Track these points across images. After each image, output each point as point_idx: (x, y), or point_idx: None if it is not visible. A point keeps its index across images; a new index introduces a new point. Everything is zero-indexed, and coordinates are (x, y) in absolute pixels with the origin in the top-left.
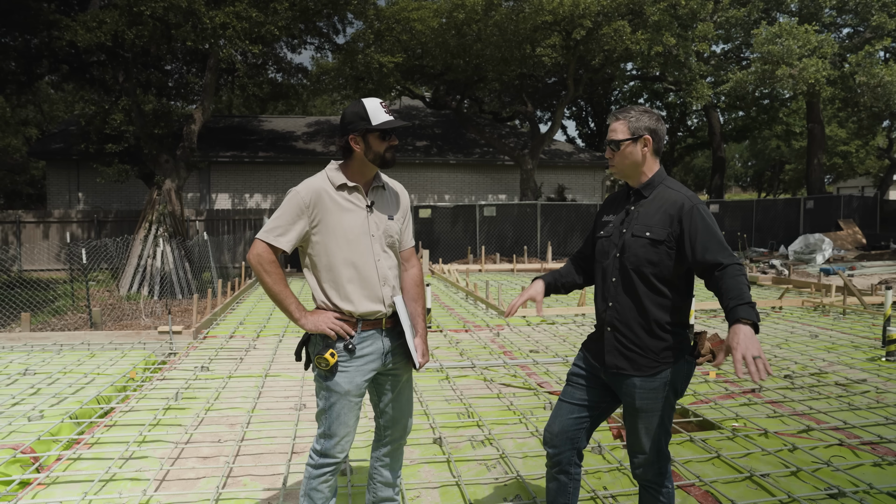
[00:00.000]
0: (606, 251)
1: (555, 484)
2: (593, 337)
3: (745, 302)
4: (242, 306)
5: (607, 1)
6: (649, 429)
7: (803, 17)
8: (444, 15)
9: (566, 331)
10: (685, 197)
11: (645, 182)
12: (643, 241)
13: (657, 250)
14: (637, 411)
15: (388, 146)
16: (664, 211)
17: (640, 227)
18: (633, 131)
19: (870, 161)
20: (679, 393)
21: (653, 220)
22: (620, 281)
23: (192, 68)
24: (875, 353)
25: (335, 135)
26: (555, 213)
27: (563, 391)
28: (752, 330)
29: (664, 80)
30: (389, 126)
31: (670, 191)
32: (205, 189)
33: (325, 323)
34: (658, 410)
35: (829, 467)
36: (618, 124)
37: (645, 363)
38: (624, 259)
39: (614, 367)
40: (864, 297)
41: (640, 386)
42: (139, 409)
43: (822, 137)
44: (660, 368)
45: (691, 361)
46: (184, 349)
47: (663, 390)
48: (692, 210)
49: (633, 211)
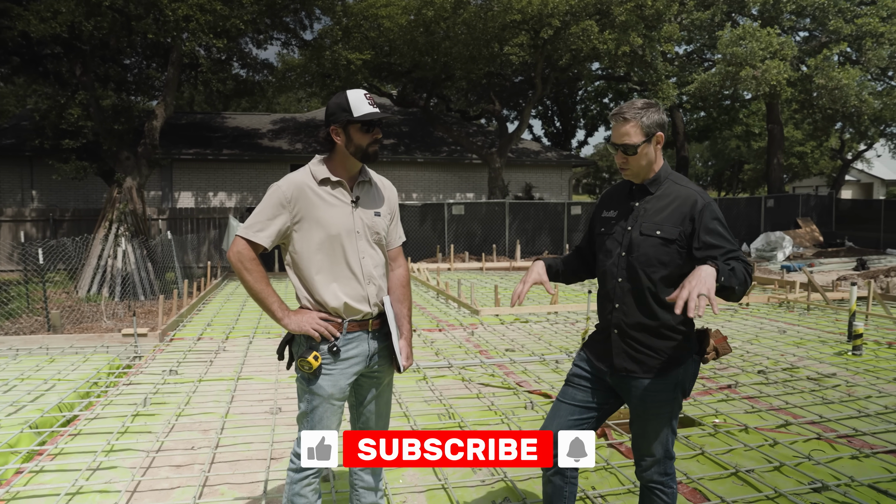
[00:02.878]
0: (610, 249)
1: (551, 487)
2: (597, 338)
3: (723, 261)
4: (209, 307)
5: (575, 0)
6: (659, 431)
7: (765, 21)
8: (412, 12)
9: (540, 329)
10: (697, 194)
11: (652, 178)
12: (654, 241)
13: (668, 249)
14: (647, 414)
15: (371, 139)
16: (675, 208)
17: (649, 226)
18: (646, 132)
19: (823, 161)
20: (687, 392)
21: (662, 218)
22: (627, 281)
23: (153, 62)
24: (841, 347)
25: (301, 132)
26: (523, 212)
27: (563, 392)
28: (713, 272)
29: (629, 81)
30: (372, 118)
31: (679, 186)
32: (167, 187)
33: (310, 323)
34: (668, 412)
35: (810, 461)
36: (629, 127)
37: (654, 364)
38: (632, 258)
39: (623, 370)
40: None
41: (649, 388)
42: (105, 417)
43: (781, 138)
44: (669, 369)
45: (698, 360)
46: (150, 352)
47: (673, 391)
48: (705, 208)
49: (639, 207)
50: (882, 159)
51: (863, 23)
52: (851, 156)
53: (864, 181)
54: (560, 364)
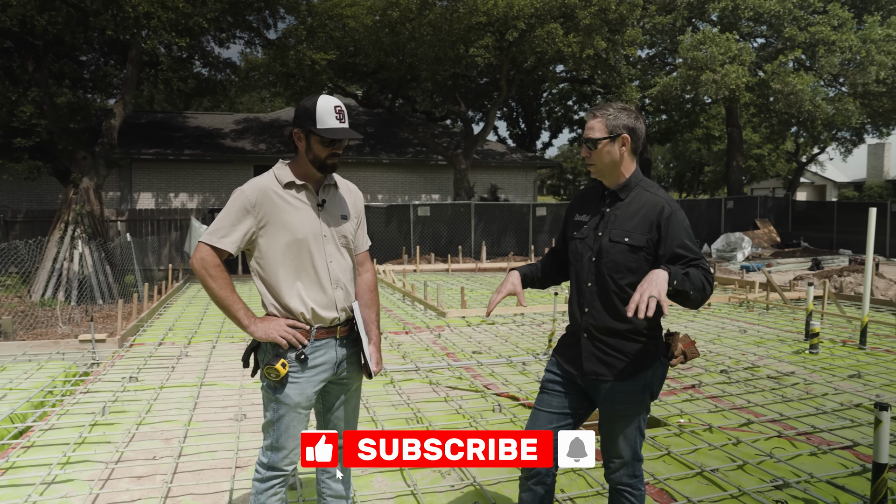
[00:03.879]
0: (581, 253)
1: (529, 494)
2: (567, 342)
3: (682, 266)
4: (170, 311)
5: (540, 3)
6: (627, 433)
7: (724, 26)
8: (377, 12)
9: (507, 331)
10: (664, 201)
11: (622, 183)
12: (622, 248)
13: (636, 256)
14: (616, 416)
15: (329, 153)
16: (643, 215)
17: (618, 233)
18: (610, 129)
19: (780, 164)
20: (655, 395)
21: (631, 225)
22: (596, 286)
23: (111, 60)
24: (799, 346)
25: (265, 133)
26: (488, 213)
27: (539, 400)
28: (665, 275)
29: (593, 83)
30: (332, 136)
31: (648, 193)
32: (126, 188)
33: (277, 331)
34: (636, 414)
35: (771, 459)
36: (595, 122)
37: (623, 368)
38: (601, 264)
39: (592, 374)
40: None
41: (619, 391)
42: (61, 427)
43: (740, 141)
44: (638, 372)
45: (665, 363)
46: (108, 358)
47: (641, 393)
48: (672, 216)
49: (609, 213)
50: (834, 163)
51: (816, 31)
52: (806, 159)
53: (818, 183)
54: (527, 366)
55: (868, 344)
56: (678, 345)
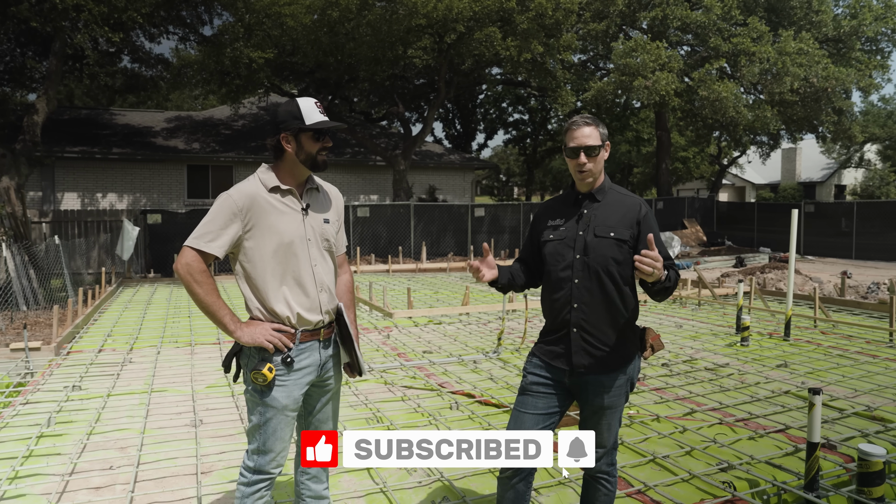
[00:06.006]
0: (562, 254)
1: (512, 493)
2: (550, 340)
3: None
4: (106, 316)
5: (479, 7)
6: (612, 424)
7: (654, 34)
8: (316, 12)
9: (454, 330)
10: (639, 202)
11: (598, 187)
12: (609, 242)
13: (621, 249)
14: (604, 409)
15: (320, 147)
16: (623, 214)
17: (602, 229)
18: (602, 138)
19: (704, 166)
20: (633, 386)
21: (613, 221)
22: (586, 282)
23: (28, 51)
24: (731, 339)
25: (199, 132)
26: (427, 214)
27: (522, 402)
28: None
29: (528, 86)
30: (323, 126)
31: (622, 195)
32: (48, 188)
33: (263, 335)
34: (620, 405)
35: (715, 444)
36: (590, 129)
37: (611, 361)
38: (588, 259)
39: (582, 368)
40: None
41: (607, 384)
42: (4, 441)
43: (669, 144)
44: (623, 364)
45: (639, 356)
46: (45, 367)
47: (626, 386)
48: (647, 214)
49: (588, 214)
50: (753, 165)
51: (737, 42)
52: (727, 161)
53: (738, 185)
54: (478, 364)
55: (791, 336)
56: (648, 338)
